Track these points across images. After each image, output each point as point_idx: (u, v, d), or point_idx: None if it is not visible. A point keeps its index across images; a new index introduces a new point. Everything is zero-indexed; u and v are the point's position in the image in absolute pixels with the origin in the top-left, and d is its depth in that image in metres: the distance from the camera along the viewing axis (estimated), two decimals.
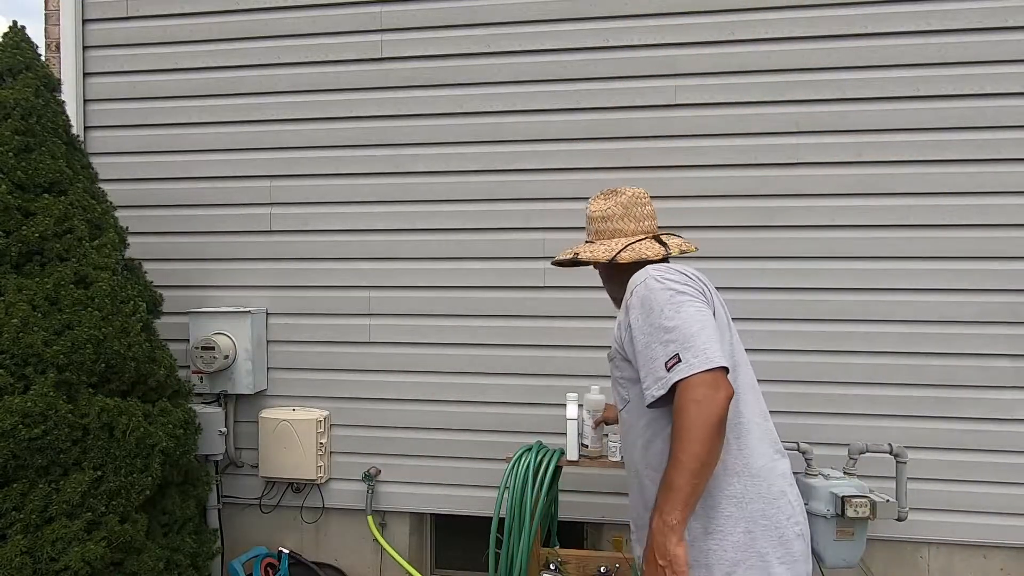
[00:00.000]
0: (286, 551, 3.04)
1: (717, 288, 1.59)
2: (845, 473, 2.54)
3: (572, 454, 2.51)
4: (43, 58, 2.58)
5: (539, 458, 2.50)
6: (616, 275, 1.69)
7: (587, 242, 1.75)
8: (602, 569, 2.43)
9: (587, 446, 2.51)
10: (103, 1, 3.15)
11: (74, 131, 2.65)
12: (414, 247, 2.99)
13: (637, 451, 1.54)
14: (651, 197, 1.79)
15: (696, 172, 2.79)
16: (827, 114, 2.72)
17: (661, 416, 1.46)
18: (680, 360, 1.31)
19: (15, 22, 2.54)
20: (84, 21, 3.16)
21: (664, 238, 1.71)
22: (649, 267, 1.51)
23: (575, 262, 1.78)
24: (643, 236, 1.68)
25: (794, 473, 2.62)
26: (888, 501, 2.41)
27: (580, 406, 2.52)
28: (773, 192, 2.76)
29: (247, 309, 3.01)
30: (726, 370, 1.32)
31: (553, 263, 1.88)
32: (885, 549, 2.78)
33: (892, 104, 2.69)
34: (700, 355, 1.30)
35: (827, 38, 2.71)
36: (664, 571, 1.26)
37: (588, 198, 1.34)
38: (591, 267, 1.82)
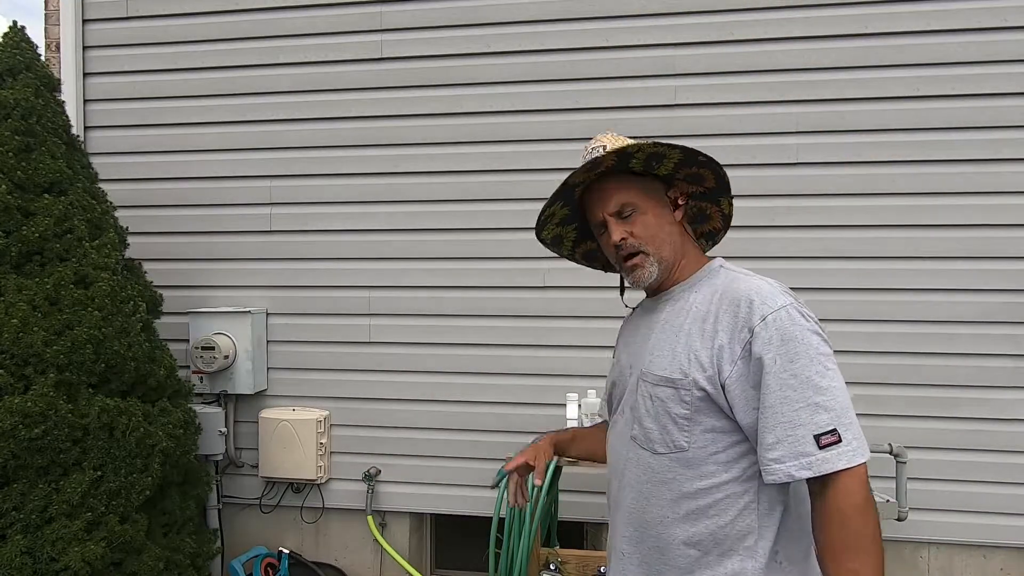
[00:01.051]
0: (286, 551, 3.04)
1: None
2: None
3: None
4: (43, 58, 2.58)
5: None
6: (666, 223, 1.27)
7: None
8: (602, 569, 2.43)
9: None
10: (103, 1, 3.15)
11: (74, 131, 2.65)
12: (414, 247, 2.99)
13: (669, 518, 1.20)
14: None
15: None
16: (827, 114, 2.72)
17: (741, 483, 1.16)
18: (840, 440, 1.05)
19: (15, 22, 2.54)
20: (84, 21, 3.16)
21: None
22: (774, 287, 1.17)
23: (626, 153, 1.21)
24: None
25: None
26: (888, 501, 2.41)
27: (580, 406, 2.52)
28: (773, 192, 2.76)
29: (247, 309, 3.01)
30: None
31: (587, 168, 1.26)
32: (885, 549, 2.77)
33: (892, 104, 2.69)
34: (860, 439, 1.07)
35: (827, 38, 2.71)
36: None
37: None
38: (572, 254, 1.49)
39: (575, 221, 1.41)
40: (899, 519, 2.54)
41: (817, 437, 1.06)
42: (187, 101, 3.12)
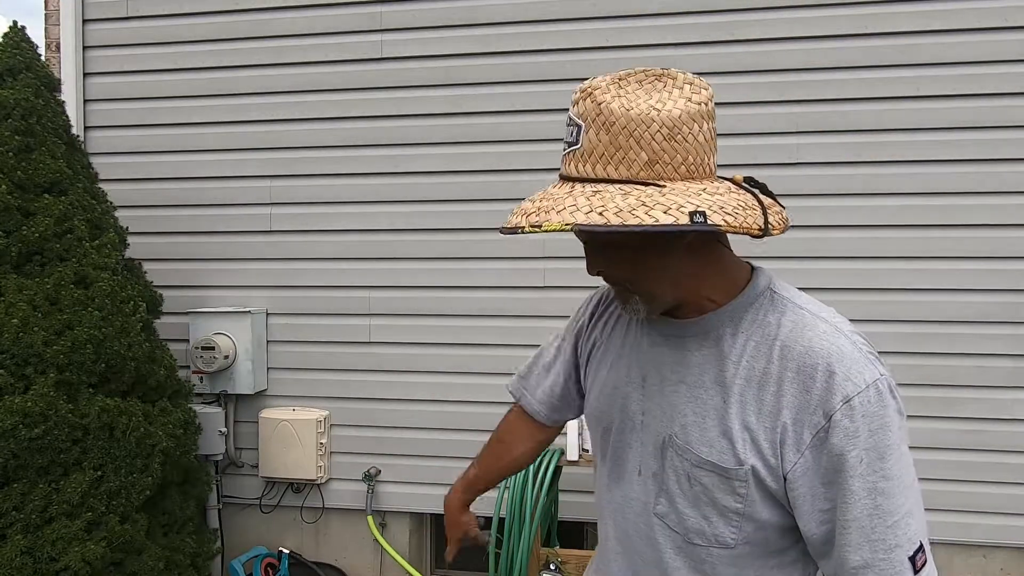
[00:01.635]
0: (286, 551, 3.04)
1: None
2: None
3: (572, 454, 2.51)
4: (43, 58, 2.59)
5: (539, 458, 2.50)
6: (667, 263, 0.91)
7: (599, 182, 0.85)
8: None
9: (587, 450, 2.52)
10: (103, 1, 3.15)
11: (74, 131, 2.65)
12: (414, 247, 2.99)
13: None
14: None
15: None
16: (827, 114, 2.72)
17: (786, 565, 0.96)
18: (927, 561, 0.85)
19: (15, 22, 2.55)
20: (84, 21, 3.16)
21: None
22: (858, 346, 0.88)
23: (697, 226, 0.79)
24: (726, 182, 0.92)
25: None
26: None
27: None
28: (773, 192, 2.75)
29: (247, 309, 3.01)
30: None
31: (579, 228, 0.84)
32: None
33: (892, 104, 2.69)
34: (930, 553, 0.87)
35: (827, 38, 2.71)
36: None
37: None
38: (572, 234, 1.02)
39: None
40: None
41: (912, 559, 0.83)
42: (187, 101, 3.12)
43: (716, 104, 0.90)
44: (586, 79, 0.97)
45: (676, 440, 0.94)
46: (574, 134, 0.90)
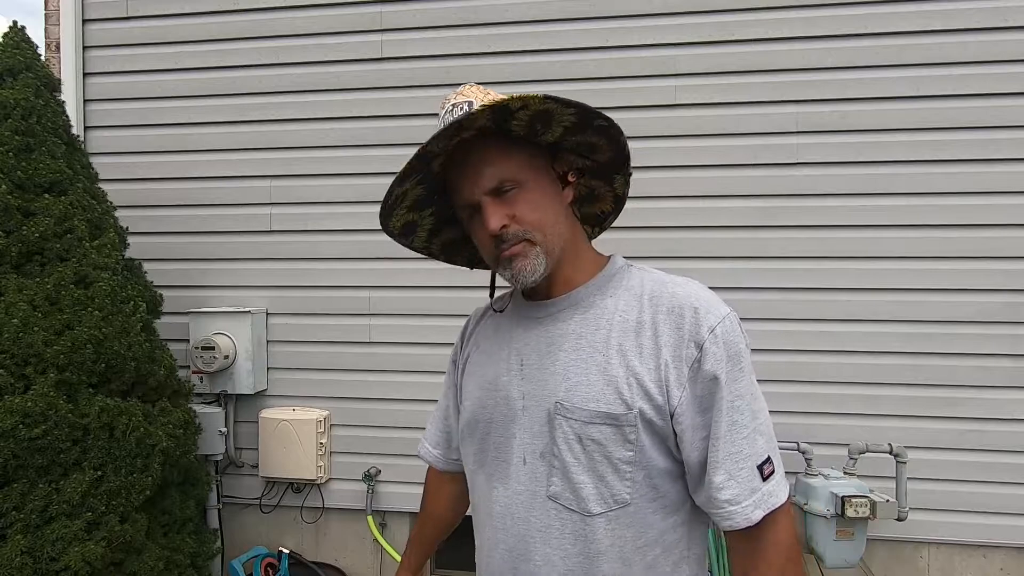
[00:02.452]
0: (286, 551, 3.04)
1: (717, 288, 1.32)
2: (845, 473, 2.55)
3: None
4: (43, 58, 2.58)
5: None
6: (555, 204, 1.02)
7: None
8: None
9: None
10: (103, 1, 3.15)
11: (74, 131, 2.65)
12: None
13: None
14: (651, 197, 1.76)
15: (696, 172, 2.79)
16: (827, 114, 2.72)
17: (677, 530, 1.00)
18: (775, 470, 0.95)
19: (15, 22, 2.54)
20: (84, 21, 3.16)
21: None
22: (709, 291, 1.01)
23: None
24: None
25: (794, 473, 2.63)
26: (888, 501, 2.41)
27: None
28: (773, 192, 2.75)
29: (247, 309, 3.01)
30: None
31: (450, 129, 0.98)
32: (885, 549, 2.78)
33: (892, 104, 2.69)
34: (782, 468, 0.98)
35: (827, 38, 2.71)
36: None
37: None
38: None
39: (431, 204, 1.10)
40: (899, 519, 2.54)
41: (760, 467, 0.93)
42: (187, 101, 3.12)
43: (715, 104, 0.97)
44: (586, 79, 1.01)
45: (563, 405, 0.98)
46: (465, 107, 1.00)
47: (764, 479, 0.93)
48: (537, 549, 0.99)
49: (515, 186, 0.98)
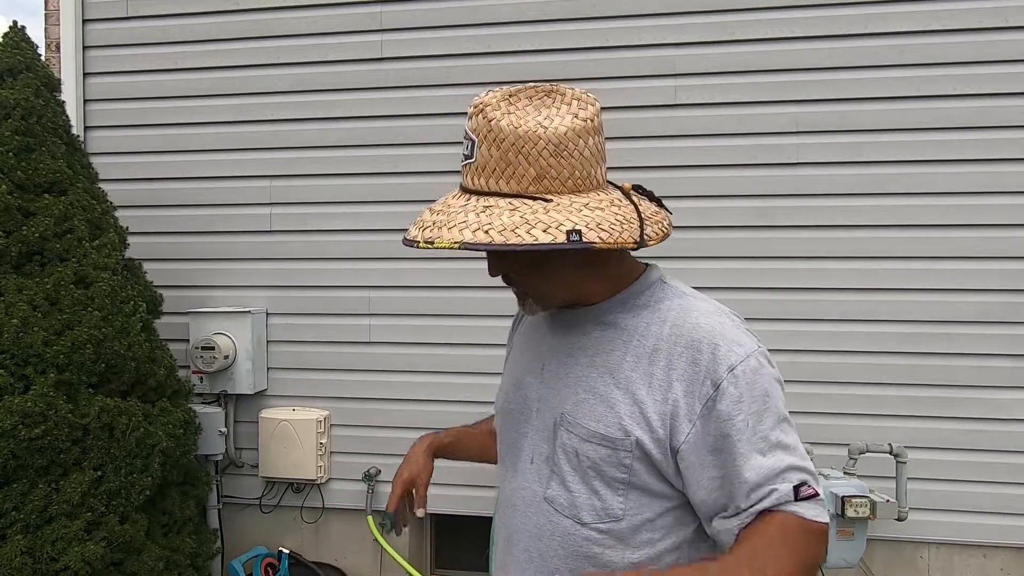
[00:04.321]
0: (286, 551, 3.04)
1: (718, 288, 1.35)
2: (845, 473, 2.55)
3: None
4: (43, 58, 2.59)
5: None
6: (585, 266, 0.98)
7: (491, 195, 0.91)
8: None
9: None
10: (103, 1, 3.15)
11: (74, 131, 2.65)
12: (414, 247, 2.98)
13: None
14: None
15: (696, 172, 2.79)
16: (827, 114, 2.72)
17: (673, 552, 0.99)
18: (817, 495, 0.91)
19: (15, 22, 2.55)
20: (84, 21, 3.16)
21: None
22: (737, 324, 0.98)
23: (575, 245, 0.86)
24: (614, 192, 0.97)
25: None
26: (888, 501, 2.41)
27: None
28: (773, 192, 2.75)
29: (247, 309, 3.00)
30: None
31: (457, 245, 0.88)
32: (885, 549, 2.78)
33: (892, 104, 2.69)
34: (815, 477, 0.93)
35: (827, 38, 2.71)
36: None
37: None
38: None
39: None
40: (899, 519, 2.54)
41: (796, 488, 0.89)
42: (188, 101, 3.12)
43: (715, 104, 0.95)
44: (586, 79, 1.00)
45: (567, 418, 0.99)
46: (469, 148, 0.95)
47: (798, 499, 0.88)
48: (530, 544, 1.02)
49: (510, 258, 0.97)
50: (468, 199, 0.92)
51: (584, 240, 0.84)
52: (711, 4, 2.76)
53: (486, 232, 0.85)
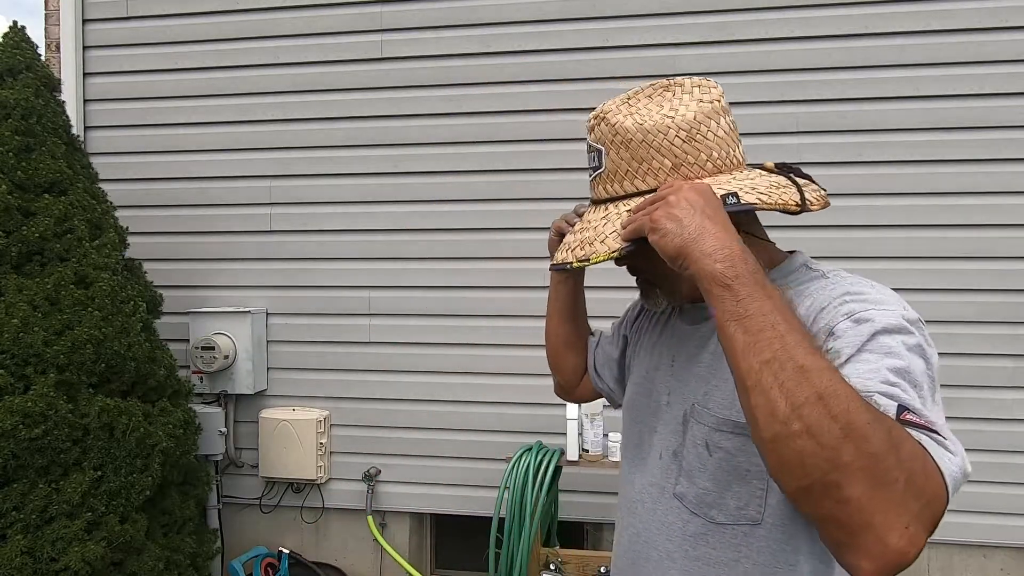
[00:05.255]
0: (286, 551, 3.04)
1: None
2: None
3: (572, 454, 2.51)
4: (43, 58, 2.59)
5: (539, 458, 2.50)
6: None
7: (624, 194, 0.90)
8: (602, 569, 2.44)
9: (587, 451, 2.53)
10: (103, 1, 3.15)
11: (74, 131, 2.65)
12: (414, 247, 2.99)
13: None
14: None
15: None
16: (827, 114, 2.72)
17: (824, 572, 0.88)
18: (923, 426, 0.77)
19: (15, 22, 2.55)
20: (84, 21, 3.16)
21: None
22: (884, 291, 0.87)
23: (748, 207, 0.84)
24: (757, 170, 0.97)
25: None
26: None
27: (580, 406, 2.52)
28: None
29: (247, 309, 3.01)
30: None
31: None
32: None
33: (892, 104, 2.69)
34: (963, 459, 0.79)
35: (827, 38, 2.71)
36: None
37: (588, 198, 1.01)
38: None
39: None
40: None
41: (900, 410, 0.73)
42: (187, 101, 3.12)
43: None
44: (586, 79, 1.00)
45: (697, 408, 0.93)
46: (596, 159, 0.92)
47: (899, 419, 0.71)
48: (659, 543, 0.97)
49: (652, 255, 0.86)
50: (607, 209, 0.90)
51: (742, 202, 0.80)
52: (711, 4, 2.76)
53: (613, 249, 0.83)
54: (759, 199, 0.82)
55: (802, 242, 2.91)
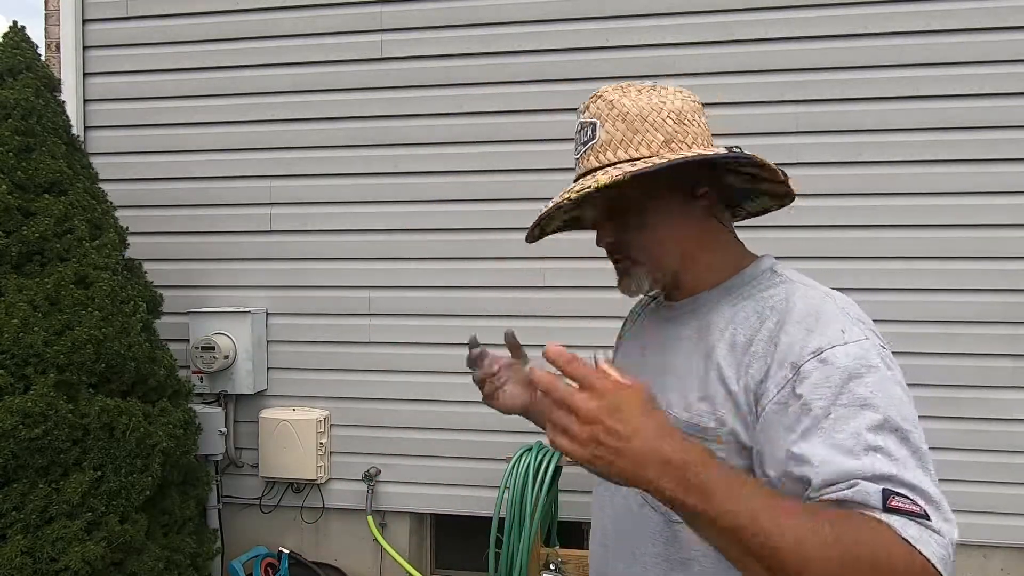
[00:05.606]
0: (286, 551, 3.04)
1: None
2: None
3: None
4: (43, 58, 2.59)
5: (539, 458, 2.50)
6: (675, 227, 0.99)
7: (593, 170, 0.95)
8: None
9: None
10: (103, 1, 3.15)
11: (74, 131, 2.65)
12: (414, 247, 2.99)
13: None
14: None
15: None
16: (827, 114, 2.72)
17: None
18: (933, 523, 0.78)
19: (15, 22, 2.55)
20: (84, 21, 3.16)
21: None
22: (846, 312, 0.89)
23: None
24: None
25: None
26: None
27: None
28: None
29: (247, 309, 3.01)
30: None
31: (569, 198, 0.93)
32: None
33: (892, 104, 2.69)
34: (951, 524, 0.80)
35: (827, 38, 2.71)
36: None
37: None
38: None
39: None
40: None
41: (886, 495, 0.75)
42: (187, 101, 3.12)
43: (716, 104, 0.99)
44: (586, 79, 1.03)
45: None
46: (590, 132, 0.97)
47: (885, 510, 0.73)
48: (625, 541, 1.00)
49: (626, 215, 0.98)
50: (592, 174, 0.94)
51: (745, 153, 0.90)
52: (711, 4, 2.76)
53: (618, 173, 0.88)
54: (759, 157, 0.91)
55: (802, 242, 2.93)
